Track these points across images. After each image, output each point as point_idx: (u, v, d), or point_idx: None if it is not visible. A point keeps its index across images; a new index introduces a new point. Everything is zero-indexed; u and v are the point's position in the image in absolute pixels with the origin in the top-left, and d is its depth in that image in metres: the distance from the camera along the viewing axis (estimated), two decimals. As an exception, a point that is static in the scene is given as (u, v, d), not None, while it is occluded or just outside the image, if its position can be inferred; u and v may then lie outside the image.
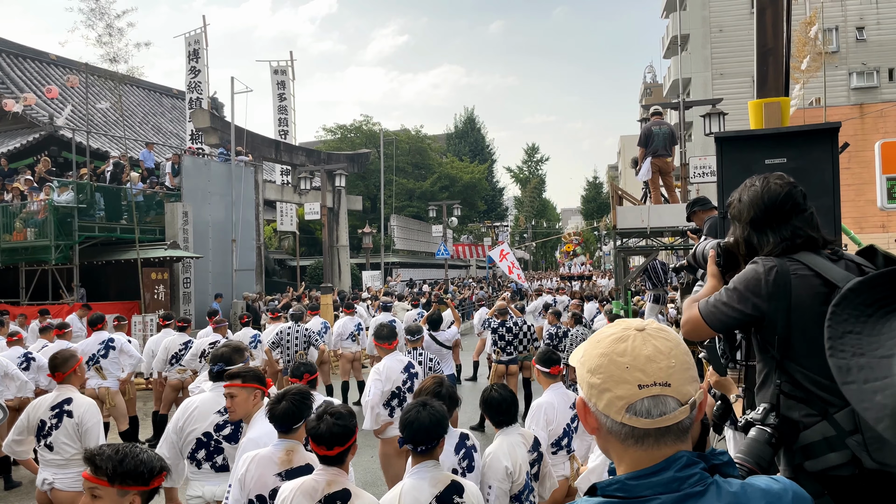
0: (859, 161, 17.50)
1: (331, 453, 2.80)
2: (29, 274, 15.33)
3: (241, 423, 3.95)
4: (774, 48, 3.77)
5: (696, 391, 1.15)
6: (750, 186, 2.21)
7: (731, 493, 1.11)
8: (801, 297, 2.00)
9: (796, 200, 2.12)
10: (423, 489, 2.85)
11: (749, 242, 2.18)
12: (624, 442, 1.15)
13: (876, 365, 0.83)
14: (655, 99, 41.37)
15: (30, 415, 4.51)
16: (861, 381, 0.84)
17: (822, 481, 1.93)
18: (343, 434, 2.79)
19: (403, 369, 5.71)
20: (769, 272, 2.04)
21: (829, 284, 1.96)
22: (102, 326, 8.37)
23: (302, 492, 2.79)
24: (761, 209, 2.13)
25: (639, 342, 1.15)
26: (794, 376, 2.02)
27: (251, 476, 3.16)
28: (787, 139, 3.34)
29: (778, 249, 2.09)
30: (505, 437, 3.65)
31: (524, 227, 56.08)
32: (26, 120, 20.66)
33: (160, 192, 17.29)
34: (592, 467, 3.77)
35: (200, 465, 3.96)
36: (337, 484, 2.80)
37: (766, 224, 2.13)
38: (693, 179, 13.36)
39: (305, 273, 28.39)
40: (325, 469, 2.84)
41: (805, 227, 2.10)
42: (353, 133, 41.15)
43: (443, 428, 2.94)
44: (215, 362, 4.11)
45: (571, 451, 4.76)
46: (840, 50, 28.35)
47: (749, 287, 2.07)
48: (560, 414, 4.70)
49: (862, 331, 0.87)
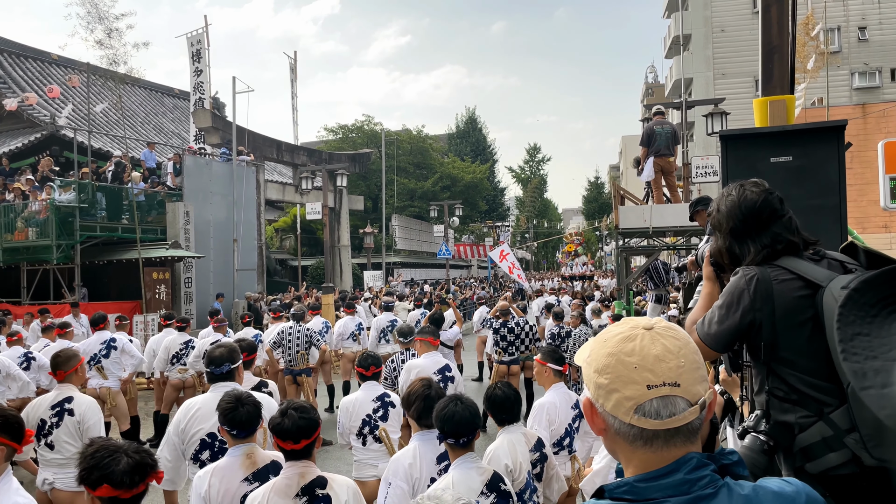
0: (862, 161, 17.46)
1: (297, 447, 2.83)
2: (30, 273, 15.35)
3: None
4: (780, 45, 3.74)
5: (706, 391, 1.13)
6: (727, 196, 2.23)
7: (743, 496, 1.09)
8: (785, 302, 2.02)
9: (773, 206, 2.14)
10: (472, 478, 2.97)
11: (731, 252, 2.20)
12: (632, 443, 1.13)
13: (891, 368, 0.82)
14: (657, 99, 41.34)
15: (29, 415, 4.49)
16: (879, 385, 0.82)
17: (824, 482, 1.93)
18: (308, 427, 2.83)
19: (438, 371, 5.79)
20: (750, 282, 2.07)
21: (813, 285, 1.98)
22: (104, 326, 8.35)
23: (276, 492, 2.79)
24: (740, 218, 2.16)
25: (647, 341, 1.13)
26: (787, 380, 2.02)
27: (216, 490, 3.07)
28: (793, 137, 3.32)
29: (759, 257, 2.11)
30: (507, 434, 3.65)
31: (525, 227, 56.07)
32: (28, 119, 20.67)
33: (162, 192, 17.29)
34: (597, 469, 3.74)
35: (204, 466, 3.93)
36: (310, 474, 2.84)
37: (746, 233, 2.15)
38: (695, 179, 13.33)
39: (307, 273, 28.39)
40: (293, 464, 2.87)
41: (784, 232, 2.12)
42: (354, 133, 41.15)
43: (479, 420, 3.05)
44: (212, 364, 4.08)
45: (573, 451, 4.74)
46: (842, 50, 28.31)
47: (734, 300, 2.10)
48: (562, 414, 4.68)
49: (870, 332, 0.85)
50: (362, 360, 4.95)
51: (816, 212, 3.16)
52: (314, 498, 2.81)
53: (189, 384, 8.76)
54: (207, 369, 4.10)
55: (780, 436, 1.99)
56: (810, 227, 3.21)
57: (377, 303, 16.12)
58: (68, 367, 4.55)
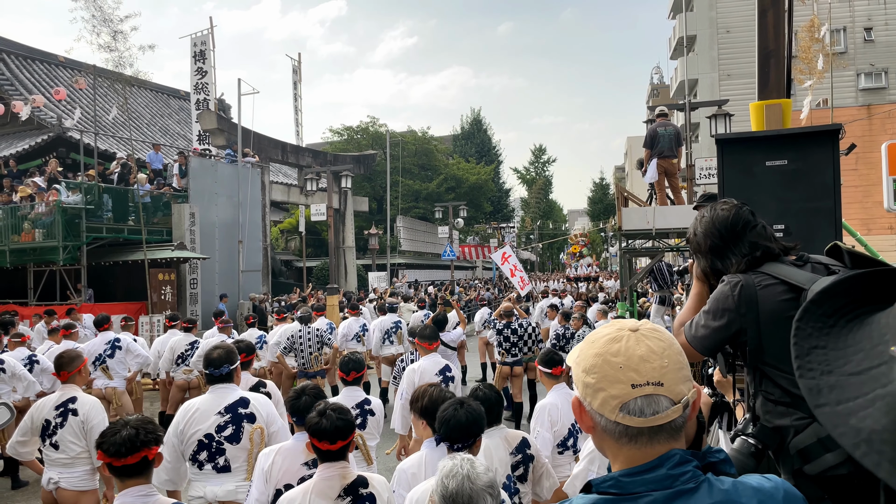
0: (867, 162, 17.43)
1: (333, 447, 2.84)
2: (37, 274, 15.44)
3: (242, 424, 3.97)
4: (776, 50, 3.77)
5: (690, 390, 1.17)
6: (701, 219, 2.33)
7: (723, 491, 1.13)
8: (769, 307, 2.06)
9: (746, 218, 2.22)
10: None
11: (715, 269, 2.28)
12: (618, 440, 1.17)
13: (846, 384, 0.83)
14: (662, 100, 41.27)
15: (34, 416, 4.54)
16: (833, 402, 0.83)
17: (822, 484, 1.94)
18: (346, 428, 2.85)
19: (439, 371, 5.75)
20: (734, 287, 2.12)
21: (796, 289, 2.02)
22: (108, 327, 8.41)
23: (317, 493, 2.79)
24: (717, 235, 2.24)
25: (632, 342, 1.17)
26: (779, 383, 2.05)
27: (277, 468, 3.29)
28: (788, 141, 3.34)
29: (742, 265, 2.17)
30: (486, 439, 3.62)
31: (530, 228, 56.01)
32: (35, 121, 20.80)
33: (167, 194, 17.37)
34: (576, 472, 3.76)
35: (202, 466, 3.97)
36: (350, 474, 2.87)
37: (725, 247, 2.24)
38: (699, 181, 13.34)
39: (312, 274, 28.45)
40: (329, 465, 2.87)
41: (760, 239, 2.19)
42: (359, 134, 41.21)
43: (480, 427, 2.99)
44: (210, 366, 4.11)
45: (577, 451, 4.73)
46: (848, 51, 28.23)
47: (720, 306, 2.15)
48: (564, 415, 4.69)
49: (827, 344, 0.87)
50: (343, 363, 4.64)
51: (812, 215, 3.19)
52: (359, 497, 2.83)
53: (194, 385, 8.81)
54: (206, 371, 4.12)
55: (768, 439, 2.02)
56: (805, 231, 3.24)
57: (379, 303, 16.15)
58: (71, 368, 4.59)
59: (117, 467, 2.63)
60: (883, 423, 0.74)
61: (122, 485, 2.67)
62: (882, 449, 0.73)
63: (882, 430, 0.74)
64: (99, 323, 8.43)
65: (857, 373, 0.82)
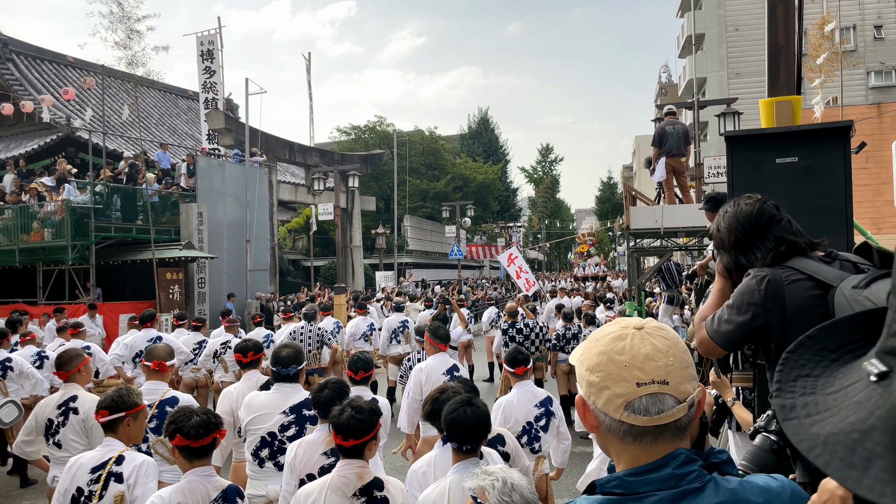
0: (877, 161, 17.28)
1: (345, 444, 2.86)
2: (46, 274, 15.53)
3: (305, 426, 4.02)
4: (786, 46, 3.73)
5: (695, 389, 1.15)
6: (724, 214, 2.30)
7: (729, 490, 1.11)
8: (796, 302, 2.03)
9: (770, 213, 2.19)
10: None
11: (738, 265, 2.25)
12: (622, 440, 1.15)
13: (822, 401, 0.81)
14: (671, 99, 41.13)
15: (38, 415, 4.54)
16: (803, 416, 0.81)
17: None
18: (360, 428, 2.85)
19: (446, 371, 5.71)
20: (761, 282, 2.09)
21: (823, 285, 1.99)
22: (152, 324, 8.50)
23: (332, 489, 2.83)
24: (740, 231, 2.21)
25: (637, 340, 1.15)
26: None
27: (300, 459, 3.44)
28: (799, 138, 3.30)
29: (768, 260, 2.14)
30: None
31: (538, 227, 55.94)
32: (44, 121, 20.90)
33: (175, 193, 17.43)
34: (589, 471, 3.77)
35: (263, 464, 4.00)
36: (367, 475, 2.88)
37: (749, 242, 2.21)
38: (707, 179, 13.26)
39: (319, 273, 28.51)
40: (347, 462, 2.90)
41: (785, 234, 2.15)
42: (367, 134, 41.27)
43: (487, 427, 3.01)
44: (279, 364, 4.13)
45: (538, 451, 4.57)
46: (858, 49, 28.03)
47: (745, 299, 2.11)
48: (519, 412, 4.56)
49: (821, 373, 0.84)
50: (352, 362, 4.60)
51: (822, 213, 3.15)
52: (373, 499, 2.85)
53: (202, 383, 8.83)
54: (274, 368, 4.18)
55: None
56: (816, 228, 3.20)
57: (388, 304, 16.15)
58: (71, 367, 4.59)
59: (194, 448, 2.90)
60: (840, 427, 0.74)
61: (190, 465, 2.93)
62: (834, 449, 0.73)
63: (838, 433, 0.73)
64: (144, 319, 8.53)
65: (835, 392, 0.81)
